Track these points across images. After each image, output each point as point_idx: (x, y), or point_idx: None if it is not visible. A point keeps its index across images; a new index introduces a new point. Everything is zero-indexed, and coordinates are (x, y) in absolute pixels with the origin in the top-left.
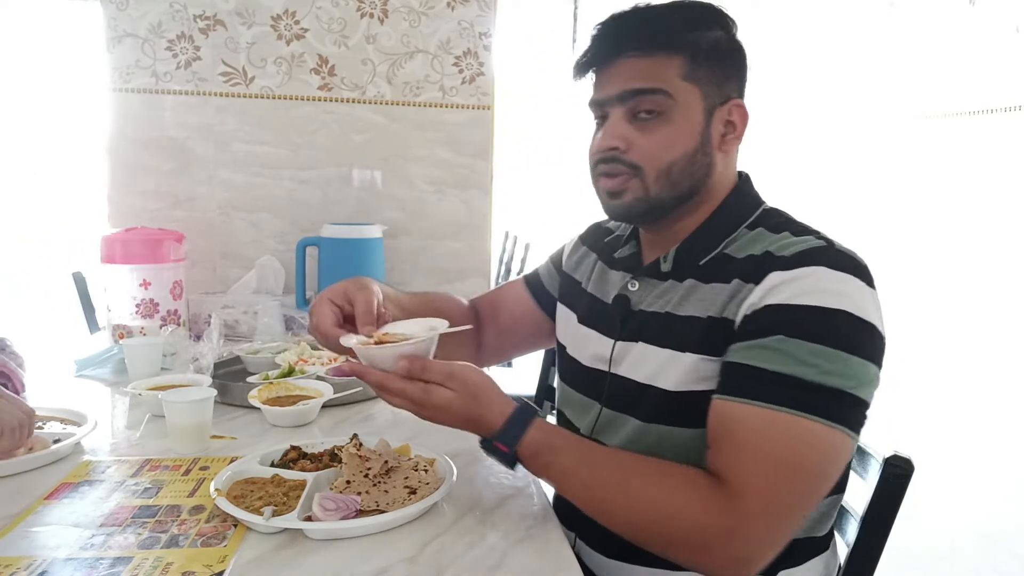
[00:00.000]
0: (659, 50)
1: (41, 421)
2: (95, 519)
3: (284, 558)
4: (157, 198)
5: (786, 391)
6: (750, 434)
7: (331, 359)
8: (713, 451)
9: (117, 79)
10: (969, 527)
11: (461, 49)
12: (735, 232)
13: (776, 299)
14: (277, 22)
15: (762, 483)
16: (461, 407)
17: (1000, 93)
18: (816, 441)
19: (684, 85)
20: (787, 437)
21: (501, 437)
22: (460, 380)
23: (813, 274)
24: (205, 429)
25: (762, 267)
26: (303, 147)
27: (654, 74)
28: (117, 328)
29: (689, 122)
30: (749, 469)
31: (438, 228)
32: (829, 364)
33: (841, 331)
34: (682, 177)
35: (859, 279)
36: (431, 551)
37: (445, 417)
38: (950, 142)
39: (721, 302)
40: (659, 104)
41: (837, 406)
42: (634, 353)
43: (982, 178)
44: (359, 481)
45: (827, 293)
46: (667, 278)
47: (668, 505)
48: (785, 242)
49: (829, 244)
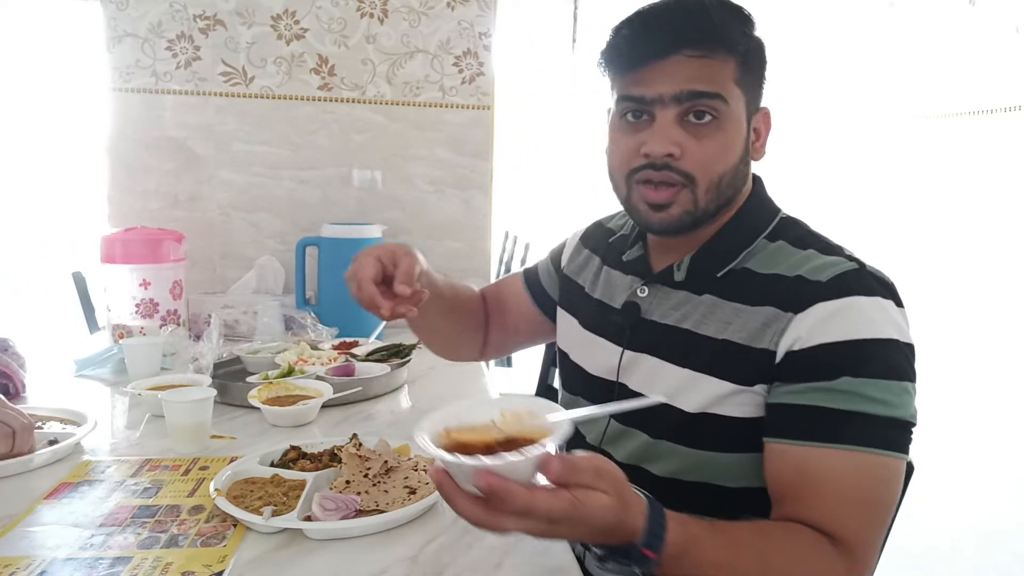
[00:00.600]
0: (719, 50)
1: (41, 421)
2: (95, 519)
3: (284, 558)
4: (157, 198)
5: (864, 430)
6: (841, 481)
7: (331, 359)
8: (796, 499)
9: (117, 79)
10: (969, 527)
11: (461, 49)
12: (753, 243)
13: (828, 337)
14: (277, 22)
15: (867, 532)
16: (615, 514)
17: (1000, 93)
18: (893, 476)
19: (736, 91)
20: (875, 478)
21: (647, 542)
22: (609, 479)
23: (856, 304)
24: (205, 429)
25: (800, 295)
26: (303, 147)
27: (713, 76)
28: (117, 328)
29: (738, 129)
30: (853, 519)
31: (438, 228)
32: (894, 397)
33: (898, 362)
34: (728, 189)
35: (892, 301)
36: (431, 551)
37: (585, 530)
38: (950, 142)
39: (754, 329)
40: (716, 109)
41: (903, 436)
42: (647, 367)
43: (982, 178)
44: (359, 481)
45: (874, 324)
46: (681, 288)
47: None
48: (816, 264)
49: (861, 266)
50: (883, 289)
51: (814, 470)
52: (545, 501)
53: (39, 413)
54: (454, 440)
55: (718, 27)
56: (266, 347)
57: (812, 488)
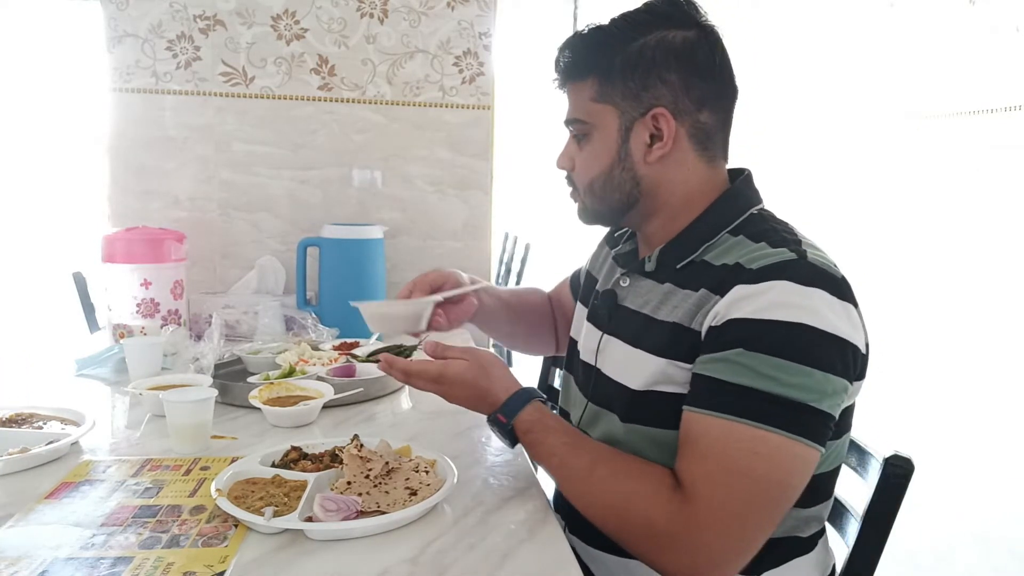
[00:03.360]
0: (573, 79)
1: (41, 421)
2: (96, 519)
3: (285, 559)
4: (157, 198)
5: (745, 403)
6: (710, 444)
7: (331, 359)
8: (678, 457)
9: (117, 79)
10: (968, 527)
11: (461, 49)
12: (715, 237)
13: (738, 313)
14: (277, 22)
15: (713, 491)
16: (472, 379)
17: (1000, 93)
18: (773, 452)
19: (596, 107)
20: (743, 448)
21: (502, 410)
22: (473, 355)
23: (775, 288)
24: (206, 429)
25: (729, 279)
26: (303, 147)
27: (574, 103)
28: (118, 328)
29: (605, 142)
30: (704, 477)
31: (438, 228)
32: (789, 377)
33: (802, 345)
34: (606, 192)
35: (827, 291)
36: (432, 552)
37: (458, 390)
38: (950, 142)
39: (688, 310)
40: (581, 129)
41: (796, 418)
42: (614, 350)
43: (982, 178)
44: (360, 482)
45: (788, 307)
46: (650, 277)
47: (623, 498)
48: (758, 254)
49: (801, 257)
50: (822, 281)
51: (693, 433)
52: (422, 364)
53: (39, 413)
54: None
55: (581, 57)
56: (267, 347)
57: (687, 447)
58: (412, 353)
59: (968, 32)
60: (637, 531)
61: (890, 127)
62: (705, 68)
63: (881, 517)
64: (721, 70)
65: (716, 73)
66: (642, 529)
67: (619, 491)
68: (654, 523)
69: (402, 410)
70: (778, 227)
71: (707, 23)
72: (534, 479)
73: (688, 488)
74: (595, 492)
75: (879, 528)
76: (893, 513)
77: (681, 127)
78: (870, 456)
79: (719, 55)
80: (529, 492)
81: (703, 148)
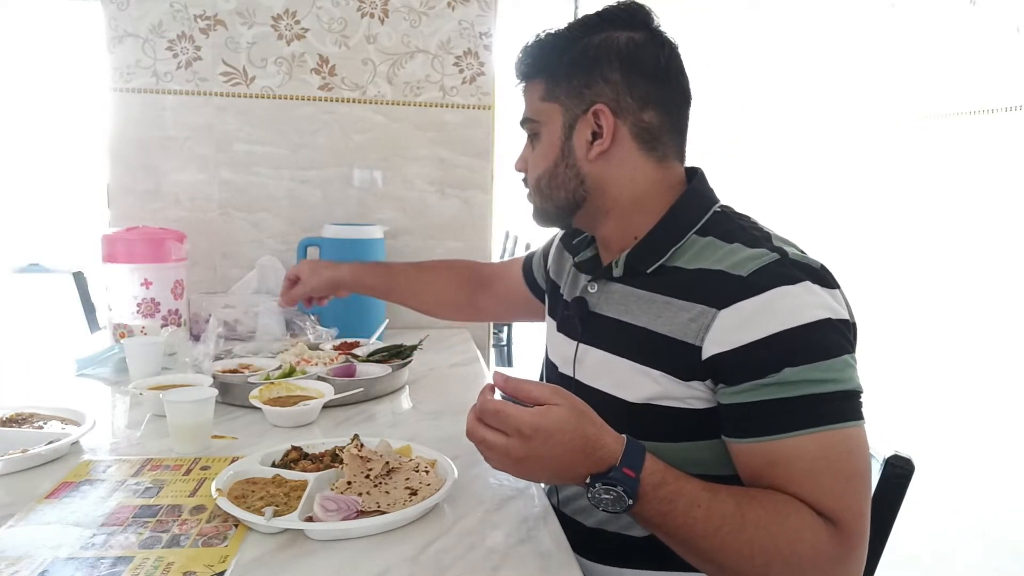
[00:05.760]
0: (527, 79)
1: (41, 421)
2: (96, 518)
3: (285, 558)
4: (157, 198)
5: (819, 411)
6: (813, 462)
7: (331, 359)
8: (778, 487)
9: (117, 79)
10: (969, 527)
11: (461, 49)
12: (683, 239)
13: (761, 332)
14: (277, 22)
15: (848, 503)
16: (575, 427)
17: (1000, 93)
18: (857, 444)
19: (544, 106)
20: (842, 452)
21: (625, 462)
22: (564, 394)
23: (778, 294)
24: (206, 429)
25: (720, 289)
26: (303, 147)
27: (527, 103)
28: (118, 327)
29: (551, 139)
30: (829, 494)
31: (438, 228)
32: (838, 373)
33: (834, 339)
34: (551, 190)
35: (816, 283)
36: (432, 552)
37: (554, 446)
38: (950, 142)
39: (681, 323)
40: (532, 128)
41: (853, 405)
42: (594, 359)
43: (982, 178)
44: (360, 482)
45: (803, 309)
46: (620, 282)
47: (790, 538)
48: (739, 258)
49: (783, 256)
50: (807, 274)
51: (782, 460)
52: (515, 409)
53: (39, 413)
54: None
55: (534, 58)
56: (267, 347)
57: (785, 474)
58: (412, 353)
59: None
60: (807, 572)
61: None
62: (649, 69)
63: (881, 517)
64: (667, 73)
65: (662, 75)
66: (811, 564)
67: (783, 533)
68: (822, 554)
69: (402, 410)
70: (744, 224)
71: (659, 28)
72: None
73: (823, 507)
74: (755, 539)
75: (879, 528)
76: (893, 513)
77: (623, 124)
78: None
79: (666, 58)
80: (529, 492)
81: (649, 147)
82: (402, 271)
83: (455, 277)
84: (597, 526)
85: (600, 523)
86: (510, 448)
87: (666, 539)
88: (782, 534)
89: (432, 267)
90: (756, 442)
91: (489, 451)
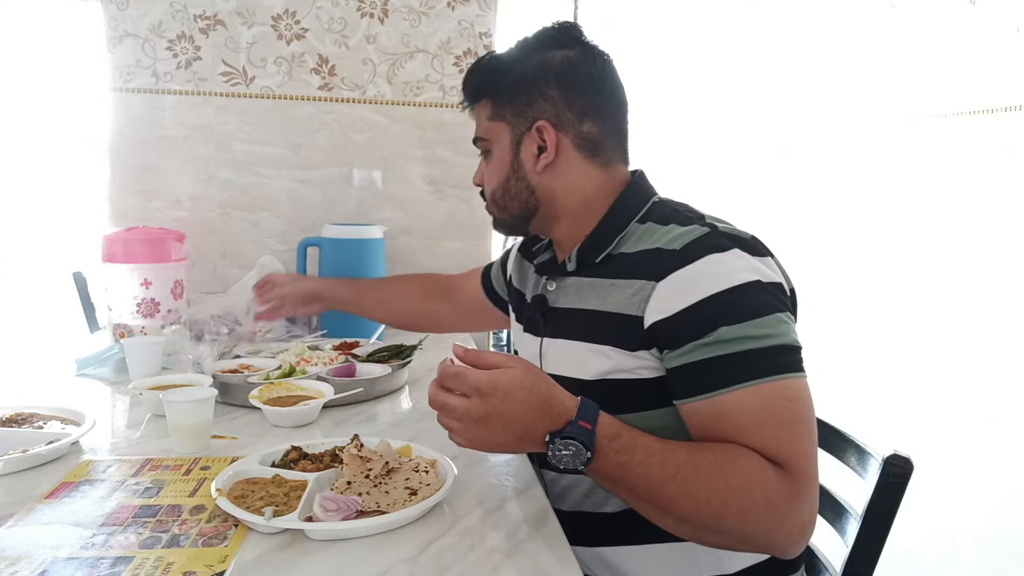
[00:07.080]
0: (473, 101)
1: (41, 421)
2: (96, 518)
3: (285, 558)
4: (157, 198)
5: (756, 364)
6: (753, 412)
7: (331, 359)
8: (726, 440)
9: (117, 79)
10: (969, 527)
11: (461, 49)
12: (626, 228)
13: (694, 297)
14: (277, 22)
15: (791, 447)
16: (532, 384)
17: (1000, 93)
18: (798, 393)
19: (491, 125)
20: (783, 399)
21: (581, 415)
22: (517, 359)
23: (707, 261)
24: (206, 429)
25: (657, 263)
26: (303, 147)
27: (477, 123)
28: (118, 327)
29: (501, 156)
30: (773, 441)
31: (438, 228)
32: (772, 329)
33: (765, 299)
34: (506, 202)
35: (745, 251)
36: (432, 552)
37: (512, 404)
38: (950, 142)
39: (625, 299)
40: (484, 146)
41: (791, 358)
42: (556, 350)
43: (982, 178)
44: (360, 482)
45: (732, 273)
46: (573, 275)
47: (742, 481)
48: (673, 235)
49: (713, 228)
50: (736, 243)
51: (727, 414)
52: (472, 371)
53: (39, 413)
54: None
55: (478, 82)
56: (267, 347)
57: (731, 428)
58: (412, 353)
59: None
60: (761, 512)
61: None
62: (584, 83)
63: (881, 517)
64: (602, 84)
65: (597, 87)
66: (765, 507)
67: (734, 475)
68: (774, 493)
69: (402, 410)
70: (680, 209)
71: (590, 43)
72: (534, 479)
73: (771, 455)
74: (709, 484)
75: (879, 528)
76: (893, 513)
77: (565, 137)
78: (870, 456)
79: (599, 71)
80: (529, 492)
81: (591, 155)
82: (368, 285)
83: (415, 289)
84: (573, 509)
85: (576, 505)
86: (471, 408)
87: (626, 496)
88: (734, 476)
89: (394, 280)
90: (702, 399)
91: (451, 416)
